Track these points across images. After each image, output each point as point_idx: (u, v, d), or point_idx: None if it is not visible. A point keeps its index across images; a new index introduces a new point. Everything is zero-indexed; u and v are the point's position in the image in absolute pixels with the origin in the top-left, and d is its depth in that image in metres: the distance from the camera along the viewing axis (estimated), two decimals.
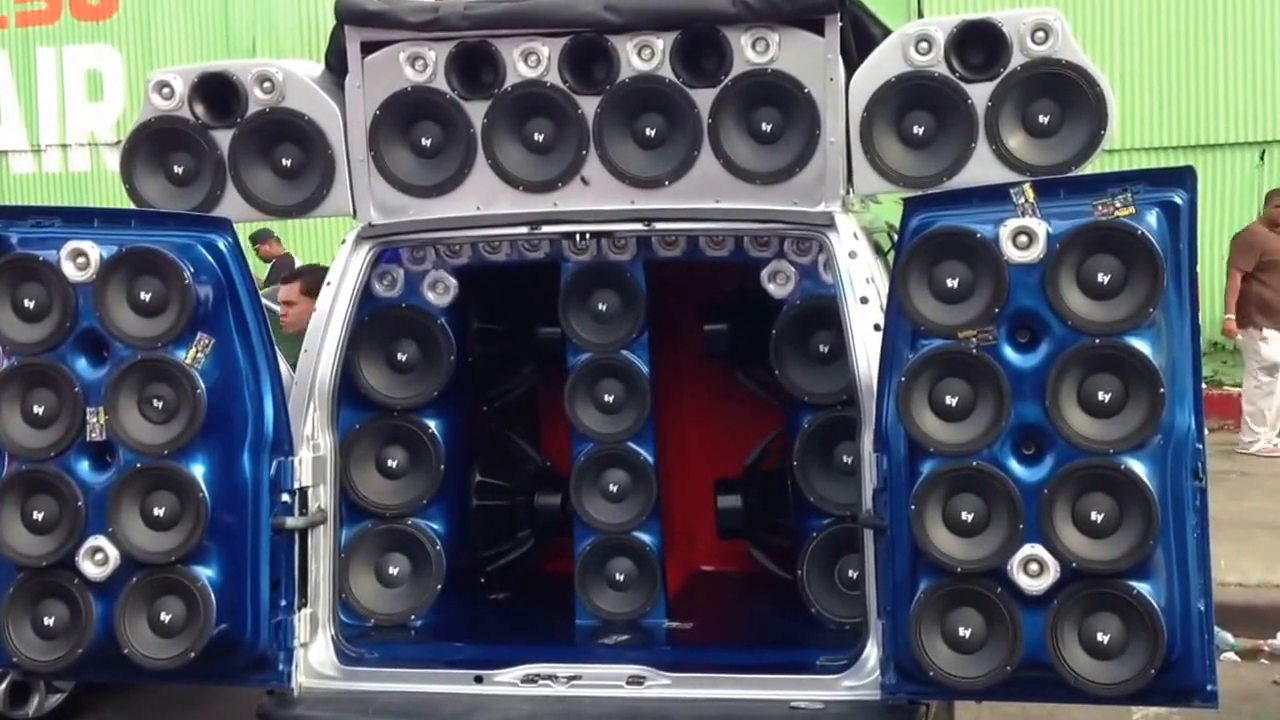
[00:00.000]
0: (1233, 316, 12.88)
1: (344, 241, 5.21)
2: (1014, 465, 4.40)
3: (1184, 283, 4.34)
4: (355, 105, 5.13)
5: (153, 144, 5.26)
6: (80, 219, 4.94)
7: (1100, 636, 4.35)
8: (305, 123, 5.16)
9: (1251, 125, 15.12)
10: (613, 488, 5.47)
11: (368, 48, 5.10)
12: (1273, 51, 14.97)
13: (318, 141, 5.17)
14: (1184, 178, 4.38)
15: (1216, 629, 4.63)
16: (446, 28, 5.00)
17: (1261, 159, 15.21)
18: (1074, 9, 13.82)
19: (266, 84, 5.16)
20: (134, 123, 5.32)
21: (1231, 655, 7.83)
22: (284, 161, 5.25)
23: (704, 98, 4.93)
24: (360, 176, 5.16)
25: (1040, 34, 4.70)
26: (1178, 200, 4.35)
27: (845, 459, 5.13)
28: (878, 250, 5.19)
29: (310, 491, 5.01)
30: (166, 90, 5.20)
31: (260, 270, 14.02)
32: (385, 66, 5.09)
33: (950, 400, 4.44)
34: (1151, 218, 4.32)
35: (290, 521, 4.89)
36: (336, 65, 5.21)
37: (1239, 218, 13.85)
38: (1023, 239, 4.37)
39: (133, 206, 5.21)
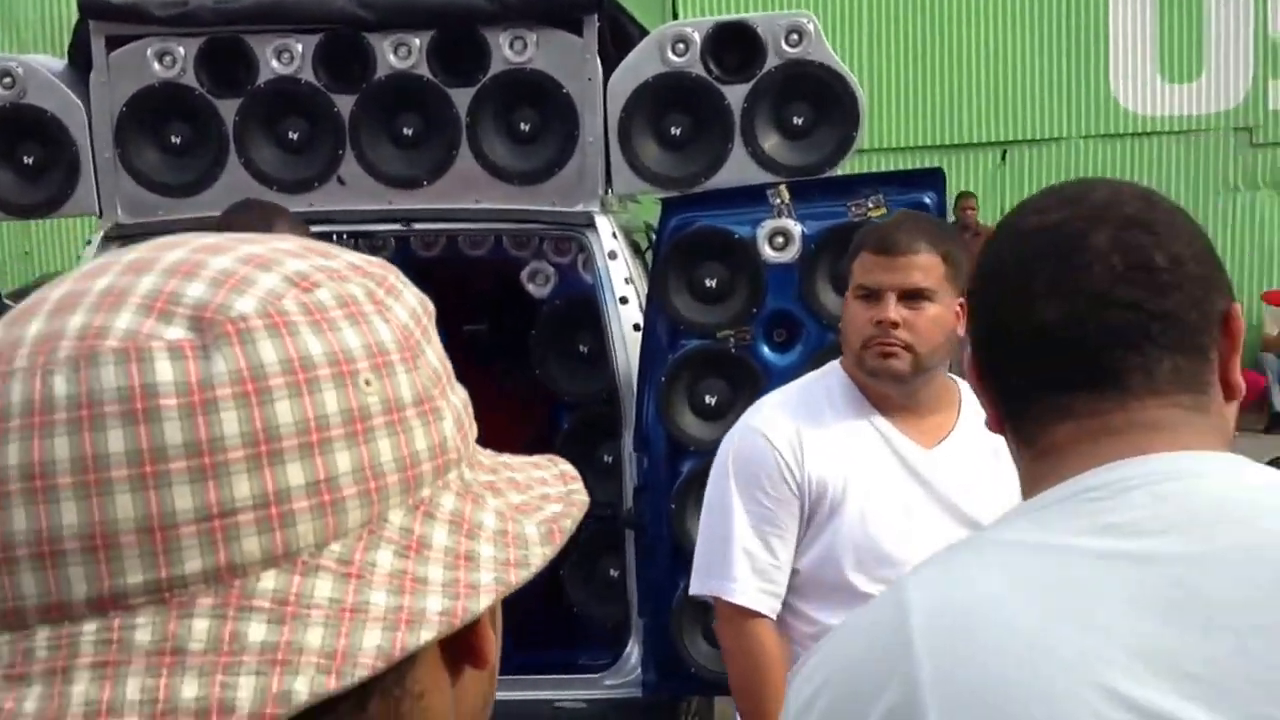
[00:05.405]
0: None
1: (89, 242, 5.04)
2: None
3: None
4: (101, 101, 4.95)
5: None
6: None
7: None
8: (48, 119, 4.96)
9: (994, 126, 15.62)
10: None
11: (113, 42, 4.92)
12: (1013, 54, 15.49)
13: (61, 138, 4.97)
14: (934, 179, 4.51)
15: None
16: (196, 23, 4.86)
17: (1003, 159, 15.73)
18: (824, 11, 14.12)
19: (6, 79, 4.94)
20: None
21: None
22: (25, 160, 5.03)
23: (462, 97, 4.88)
24: (106, 175, 4.98)
25: (794, 36, 4.76)
26: (927, 201, 4.45)
27: (606, 458, 5.14)
28: (636, 250, 5.21)
29: None
30: None
31: None
32: (132, 62, 4.92)
33: (709, 399, 4.49)
34: None
35: None
36: (81, 60, 5.02)
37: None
38: (779, 240, 4.45)
39: None
